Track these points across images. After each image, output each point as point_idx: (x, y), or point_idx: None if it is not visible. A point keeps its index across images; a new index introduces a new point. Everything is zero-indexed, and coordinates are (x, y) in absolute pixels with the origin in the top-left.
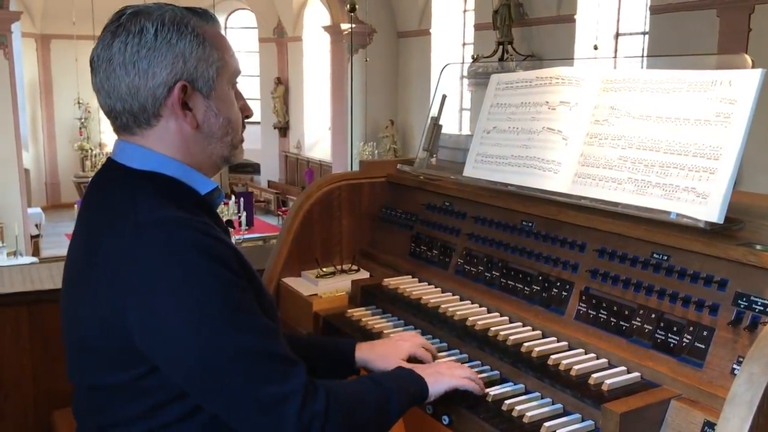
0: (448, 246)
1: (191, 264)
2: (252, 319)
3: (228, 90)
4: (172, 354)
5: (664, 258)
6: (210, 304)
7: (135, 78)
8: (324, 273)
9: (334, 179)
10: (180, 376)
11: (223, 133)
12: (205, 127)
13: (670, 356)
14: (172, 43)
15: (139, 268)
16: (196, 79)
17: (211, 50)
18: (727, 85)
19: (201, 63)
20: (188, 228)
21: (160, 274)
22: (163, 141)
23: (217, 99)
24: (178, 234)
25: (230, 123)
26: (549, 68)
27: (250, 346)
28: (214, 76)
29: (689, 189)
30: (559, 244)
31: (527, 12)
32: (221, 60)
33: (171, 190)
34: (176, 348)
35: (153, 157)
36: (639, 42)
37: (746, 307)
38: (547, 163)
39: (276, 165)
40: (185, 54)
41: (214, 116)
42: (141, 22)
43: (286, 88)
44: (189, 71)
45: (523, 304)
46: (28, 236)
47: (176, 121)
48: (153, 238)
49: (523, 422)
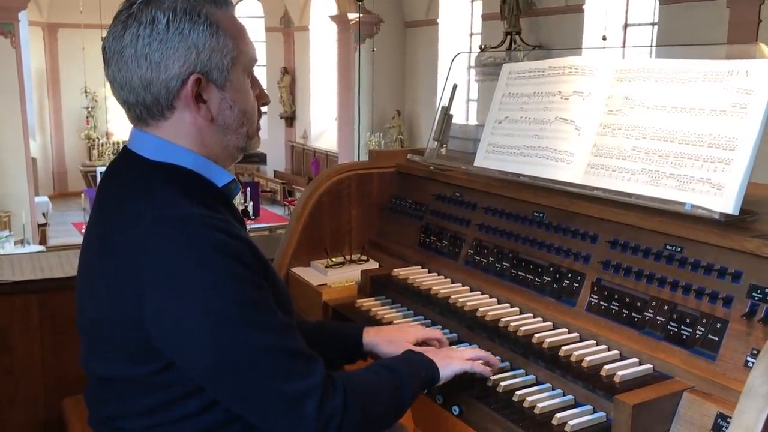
0: (458, 236)
1: (209, 262)
2: (269, 316)
3: (243, 79)
4: (189, 352)
5: (678, 249)
6: (228, 303)
7: (147, 71)
8: (333, 263)
9: (343, 169)
10: (198, 373)
11: (239, 125)
12: (220, 119)
13: (682, 348)
14: (185, 34)
15: (157, 264)
16: (210, 71)
17: (226, 39)
18: (743, 75)
19: (215, 54)
20: (206, 225)
21: (178, 272)
22: (178, 133)
23: (232, 90)
24: (196, 231)
25: (246, 114)
26: (562, 58)
27: (268, 344)
28: (229, 67)
29: (704, 180)
30: (571, 235)
31: (535, 2)
32: (236, 49)
33: (188, 183)
34: (194, 346)
35: (169, 149)
36: (648, 33)
37: (760, 300)
38: (560, 153)
39: (282, 155)
40: (198, 45)
41: (229, 108)
42: (152, 12)
43: (292, 77)
44: (203, 63)
45: (534, 295)
46: (35, 225)
47: (191, 113)
48: (171, 235)
49: (534, 413)
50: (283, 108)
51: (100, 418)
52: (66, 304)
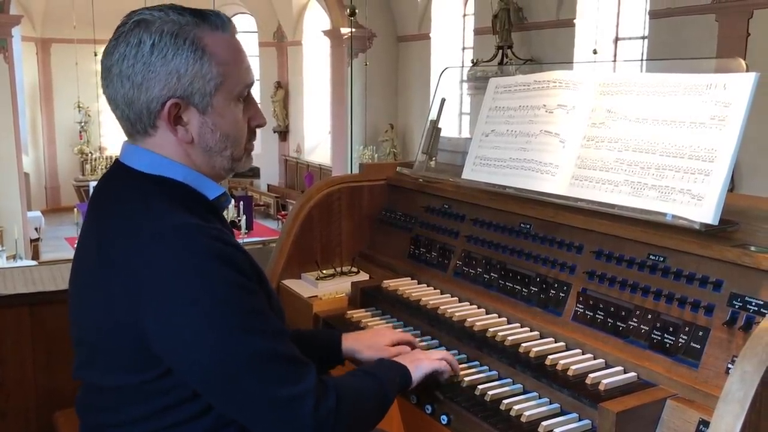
0: (447, 248)
1: (207, 270)
2: (265, 322)
3: (228, 104)
4: (188, 359)
5: (660, 259)
6: (225, 310)
7: (130, 90)
8: (324, 275)
9: (334, 182)
10: (196, 379)
11: (222, 148)
12: (202, 142)
13: (666, 356)
14: (168, 59)
15: (156, 273)
16: (192, 95)
17: (210, 65)
18: (721, 89)
19: (197, 79)
20: (203, 235)
21: (177, 281)
22: (164, 148)
23: (214, 114)
24: (193, 241)
25: (228, 138)
26: (547, 72)
27: (264, 350)
28: (212, 92)
29: (685, 191)
30: (557, 246)
31: (527, 16)
32: (222, 75)
33: (181, 195)
34: (193, 353)
35: (161, 162)
36: (638, 46)
37: (741, 308)
38: (545, 165)
39: (276, 169)
40: (180, 70)
41: (210, 132)
42: (140, 34)
43: (286, 92)
44: (183, 87)
45: (521, 305)
46: (27, 240)
47: (172, 134)
48: (169, 245)
49: (521, 421)
50: (277, 122)
51: (94, 426)
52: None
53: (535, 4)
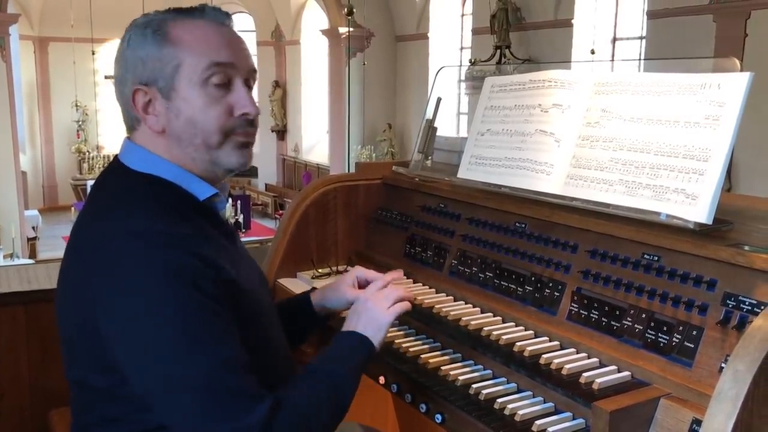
0: (442, 247)
1: (161, 285)
2: (216, 349)
3: (193, 88)
4: (133, 371)
5: (655, 258)
6: (173, 330)
7: (117, 86)
8: (319, 274)
9: (330, 181)
10: (141, 393)
11: (190, 135)
12: (171, 131)
13: (660, 355)
14: (136, 50)
15: (112, 280)
16: (155, 81)
17: (169, 48)
18: (716, 88)
19: (156, 63)
20: (167, 246)
21: (130, 292)
22: (149, 143)
23: (178, 99)
24: (155, 251)
25: (195, 124)
26: (542, 71)
27: (206, 379)
28: (172, 75)
29: (679, 190)
30: (552, 245)
31: (525, 16)
32: (178, 58)
33: (167, 195)
34: (138, 366)
35: (151, 160)
36: (636, 47)
37: (734, 307)
38: (540, 164)
39: (274, 168)
40: (143, 57)
41: (176, 117)
42: (126, 31)
43: (284, 91)
44: (147, 74)
45: (516, 304)
46: (24, 239)
47: (144, 122)
48: (130, 252)
49: (515, 420)
50: (275, 121)
51: (79, 425)
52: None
53: (533, 4)
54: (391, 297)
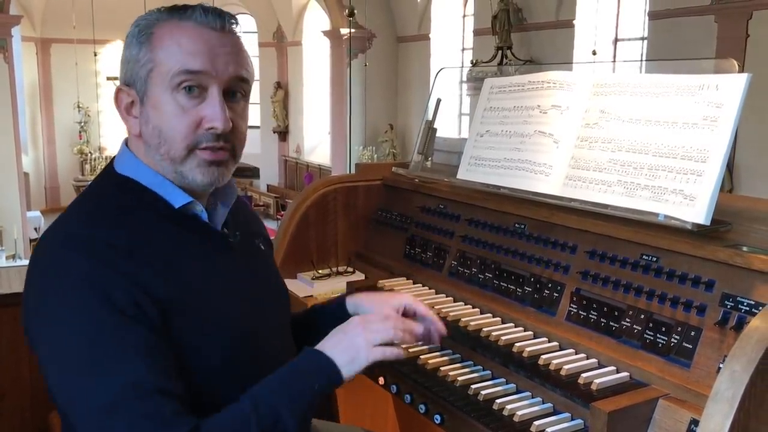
0: (442, 248)
1: (75, 294)
2: (125, 367)
3: (163, 93)
4: (47, 376)
5: (653, 259)
6: (83, 341)
7: None
8: (320, 275)
9: (330, 182)
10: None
11: (156, 144)
12: (145, 136)
13: (658, 356)
14: (125, 48)
15: (36, 280)
16: (134, 83)
17: (146, 50)
18: (714, 89)
19: (135, 65)
20: (91, 255)
21: (48, 293)
22: (135, 146)
23: (149, 105)
24: (77, 258)
25: (161, 133)
26: (541, 72)
27: (113, 397)
28: (145, 78)
29: (677, 191)
30: (551, 246)
31: (526, 17)
32: (153, 60)
33: (134, 200)
34: (50, 371)
35: (133, 164)
36: (638, 47)
37: (732, 308)
38: (539, 165)
39: (275, 169)
40: (127, 57)
41: (146, 123)
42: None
43: (285, 92)
44: (128, 75)
45: (515, 305)
46: (27, 240)
47: (125, 123)
48: (55, 256)
49: (514, 421)
50: (277, 122)
51: None
52: None
53: (535, 5)
54: (384, 334)
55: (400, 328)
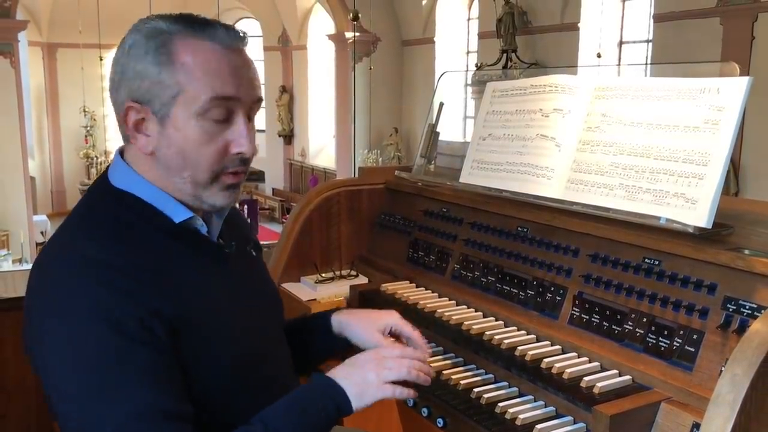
0: (445, 252)
1: (83, 320)
2: (132, 394)
3: (189, 119)
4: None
5: (655, 263)
6: (84, 374)
7: (113, 92)
8: (323, 278)
9: (333, 185)
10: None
11: (179, 167)
12: (161, 157)
13: (661, 359)
14: (138, 60)
15: (43, 302)
16: (151, 102)
17: (173, 72)
18: (715, 93)
19: (156, 85)
20: (99, 282)
21: (56, 319)
22: (138, 160)
23: (171, 127)
24: (86, 285)
25: (186, 157)
26: (543, 76)
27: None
28: (169, 102)
29: (679, 194)
30: (553, 250)
31: (531, 20)
32: (179, 84)
33: (133, 215)
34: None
35: (132, 178)
36: (642, 50)
37: (735, 311)
38: (541, 169)
39: (280, 173)
40: (144, 73)
41: (167, 146)
42: (129, 33)
43: (290, 96)
44: (143, 92)
45: (517, 308)
46: (33, 244)
47: (133, 141)
48: (63, 280)
49: (516, 424)
50: (282, 126)
51: None
52: None
53: (540, 8)
54: (397, 372)
55: (416, 368)
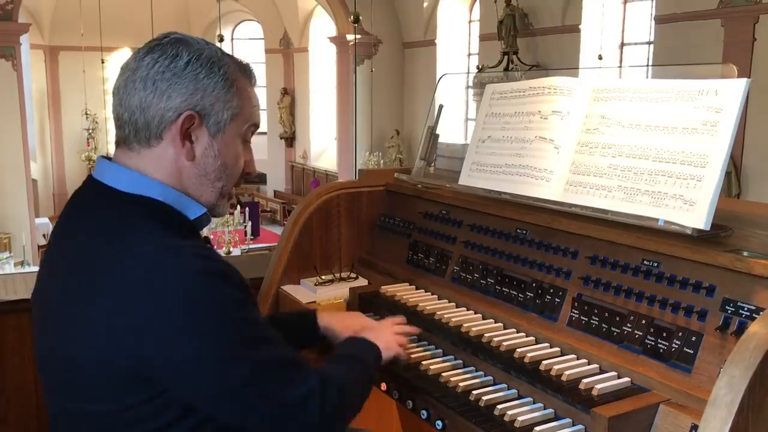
0: (444, 254)
1: (206, 288)
2: (264, 331)
3: (235, 138)
4: (195, 376)
5: (654, 265)
6: (229, 325)
7: (150, 94)
8: (323, 281)
9: (333, 188)
10: (203, 395)
11: (217, 177)
12: (201, 164)
13: (659, 361)
14: (199, 78)
15: (155, 295)
16: (208, 115)
17: (233, 96)
18: (713, 95)
19: (219, 103)
20: (195, 255)
21: (177, 301)
22: (158, 165)
23: (222, 142)
24: (189, 260)
25: (227, 170)
26: (542, 78)
27: (268, 358)
28: (227, 120)
29: (677, 196)
30: (552, 252)
31: (532, 22)
32: (239, 108)
33: (161, 215)
34: (200, 370)
35: (141, 181)
36: (644, 52)
37: (733, 313)
38: (540, 171)
39: (282, 175)
40: (206, 89)
41: (213, 157)
42: (179, 48)
43: (292, 98)
44: (204, 105)
45: (517, 310)
46: (35, 246)
47: (175, 149)
48: (166, 266)
49: (515, 426)
50: (283, 128)
51: None
52: None
53: (541, 10)
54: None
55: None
